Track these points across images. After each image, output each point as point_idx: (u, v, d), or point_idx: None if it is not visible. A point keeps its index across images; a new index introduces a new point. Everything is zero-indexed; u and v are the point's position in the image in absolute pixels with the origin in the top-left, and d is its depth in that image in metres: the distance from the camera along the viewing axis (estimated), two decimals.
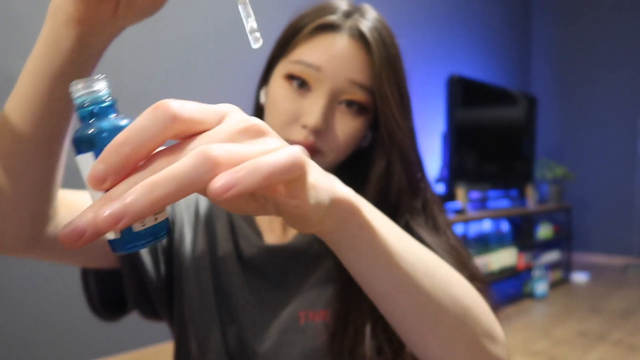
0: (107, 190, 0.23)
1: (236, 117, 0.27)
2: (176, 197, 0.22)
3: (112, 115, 0.27)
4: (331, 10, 0.55)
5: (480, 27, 4.17)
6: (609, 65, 4.47)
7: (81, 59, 0.37)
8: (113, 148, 0.23)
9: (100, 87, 0.27)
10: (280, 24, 0.61)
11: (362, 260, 0.35)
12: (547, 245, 3.87)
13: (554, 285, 3.67)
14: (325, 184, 0.30)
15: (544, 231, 3.80)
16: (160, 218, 0.26)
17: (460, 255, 0.54)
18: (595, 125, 4.54)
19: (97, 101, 0.26)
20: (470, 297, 0.41)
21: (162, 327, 0.68)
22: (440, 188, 3.29)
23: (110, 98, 0.27)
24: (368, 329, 0.52)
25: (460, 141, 3.27)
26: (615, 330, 2.73)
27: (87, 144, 0.26)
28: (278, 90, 0.55)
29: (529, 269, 3.41)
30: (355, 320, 0.53)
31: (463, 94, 3.25)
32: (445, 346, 0.40)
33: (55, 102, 0.38)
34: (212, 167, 0.23)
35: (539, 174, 4.15)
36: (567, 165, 4.30)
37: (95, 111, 0.26)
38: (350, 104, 0.54)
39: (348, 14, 0.55)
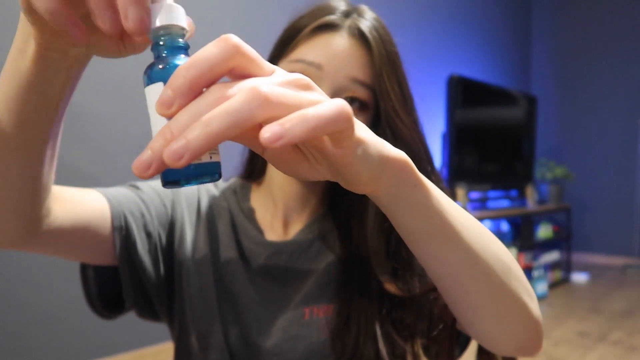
0: (170, 116, 0.25)
1: (284, 71, 0.29)
2: (231, 132, 0.24)
3: (182, 56, 0.29)
4: (330, 10, 0.56)
5: (481, 27, 4.17)
6: (609, 65, 4.47)
7: (47, 72, 0.35)
8: (180, 73, 0.25)
9: (178, 29, 0.29)
10: (278, 25, 0.61)
11: (417, 219, 0.35)
12: (546, 246, 3.87)
13: (553, 285, 3.67)
14: (372, 140, 0.31)
15: (543, 231, 3.80)
16: (215, 158, 0.28)
17: None
18: (595, 125, 4.54)
19: (173, 40, 0.29)
20: (510, 257, 0.42)
21: (162, 327, 0.68)
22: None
23: (184, 41, 0.29)
24: (377, 328, 0.53)
25: (460, 141, 3.27)
26: (615, 330, 2.73)
27: (158, 76, 0.28)
28: None
29: (528, 269, 3.41)
30: (357, 319, 0.53)
31: (463, 94, 3.25)
32: (496, 305, 0.40)
33: (27, 110, 0.36)
34: (262, 103, 0.24)
35: (538, 174, 4.15)
36: (567, 165, 4.30)
37: (170, 49, 0.29)
38: (350, 101, 0.54)
39: (347, 14, 0.56)
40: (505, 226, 3.79)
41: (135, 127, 1.92)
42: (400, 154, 0.33)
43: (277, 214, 0.62)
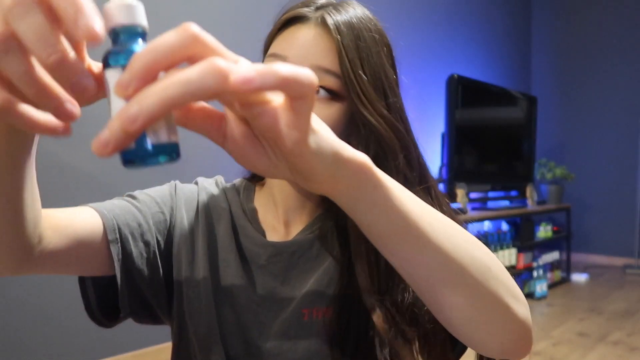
0: (128, 98, 0.25)
1: (248, 61, 0.29)
2: (184, 100, 0.24)
3: (141, 41, 0.30)
4: (307, 3, 0.56)
5: (481, 27, 4.17)
6: (609, 65, 4.47)
7: (10, 139, 0.35)
8: (138, 57, 0.25)
9: (137, 15, 0.29)
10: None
11: (381, 221, 0.35)
12: (546, 246, 3.87)
13: (553, 285, 3.67)
14: (328, 136, 0.31)
15: (543, 231, 3.80)
16: (174, 139, 0.29)
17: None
18: (596, 125, 4.54)
19: (131, 28, 0.29)
20: (490, 257, 0.40)
21: (162, 327, 0.68)
22: (440, 188, 3.29)
23: (142, 28, 0.30)
24: (376, 333, 0.52)
25: (460, 141, 3.27)
26: (615, 330, 2.74)
27: (116, 60, 0.29)
28: None
29: (528, 269, 3.41)
30: (355, 323, 0.53)
31: (463, 94, 3.25)
32: (473, 305, 0.39)
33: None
34: (220, 76, 0.24)
35: (539, 174, 4.15)
36: (567, 165, 4.30)
37: (128, 35, 0.29)
38: (317, 90, 0.53)
39: (321, 7, 0.55)
40: (505, 226, 3.79)
41: None
42: (356, 155, 0.33)
43: (278, 214, 0.62)
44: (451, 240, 0.37)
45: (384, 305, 0.53)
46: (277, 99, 0.28)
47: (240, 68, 0.25)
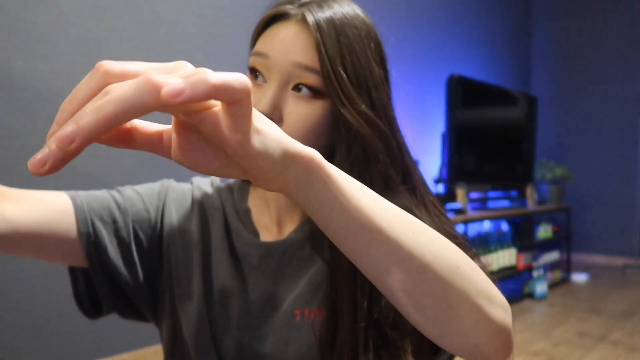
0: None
1: (187, 67, 0.28)
2: (123, 118, 0.24)
3: None
4: (291, 1, 0.56)
5: (480, 27, 4.17)
6: (609, 65, 4.47)
7: None
8: (62, 109, 0.26)
9: None
10: None
11: (334, 216, 0.34)
12: (546, 246, 3.87)
13: (553, 285, 3.67)
14: (275, 134, 0.30)
15: (543, 231, 3.80)
16: None
17: (448, 227, 0.53)
18: (596, 125, 4.55)
19: None
20: (458, 256, 0.39)
21: None
22: (440, 188, 3.30)
23: None
24: (367, 337, 0.52)
25: (460, 141, 3.27)
26: (615, 330, 2.74)
27: None
28: None
29: (528, 269, 3.41)
30: (344, 327, 0.52)
31: (463, 94, 3.25)
32: (436, 305, 0.38)
33: None
34: (154, 90, 0.24)
35: (538, 174, 4.15)
36: (567, 165, 4.30)
37: None
38: (299, 87, 0.53)
39: (303, 4, 0.55)
40: (505, 226, 3.79)
41: None
42: (305, 150, 0.32)
43: (271, 213, 0.62)
44: (413, 238, 0.36)
45: (369, 308, 0.52)
46: (218, 103, 0.27)
47: (172, 80, 0.25)
